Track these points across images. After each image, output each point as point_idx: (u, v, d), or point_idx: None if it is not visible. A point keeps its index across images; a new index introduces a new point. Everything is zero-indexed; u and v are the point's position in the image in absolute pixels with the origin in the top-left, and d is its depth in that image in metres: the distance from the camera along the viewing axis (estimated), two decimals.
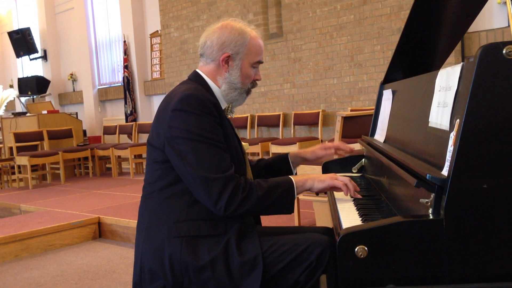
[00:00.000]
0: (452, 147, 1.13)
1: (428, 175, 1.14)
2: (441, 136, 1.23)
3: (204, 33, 1.75)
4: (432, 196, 1.14)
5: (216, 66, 1.71)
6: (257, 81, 1.78)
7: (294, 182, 1.63)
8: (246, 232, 1.60)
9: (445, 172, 1.14)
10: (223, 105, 1.73)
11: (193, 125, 1.54)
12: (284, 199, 1.60)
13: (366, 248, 1.15)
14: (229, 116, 1.75)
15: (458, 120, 1.12)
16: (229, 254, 1.53)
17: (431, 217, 1.14)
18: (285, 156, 1.96)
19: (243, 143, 1.88)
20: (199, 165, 1.53)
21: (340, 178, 1.69)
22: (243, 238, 1.58)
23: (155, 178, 1.64)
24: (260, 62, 1.75)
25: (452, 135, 1.14)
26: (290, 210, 1.62)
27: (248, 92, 1.77)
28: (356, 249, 1.15)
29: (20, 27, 10.81)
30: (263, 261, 1.51)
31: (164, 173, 1.62)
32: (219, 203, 1.51)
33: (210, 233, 1.56)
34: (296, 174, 1.93)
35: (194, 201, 1.58)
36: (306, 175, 1.70)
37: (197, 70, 1.76)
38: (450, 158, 1.13)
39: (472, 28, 4.74)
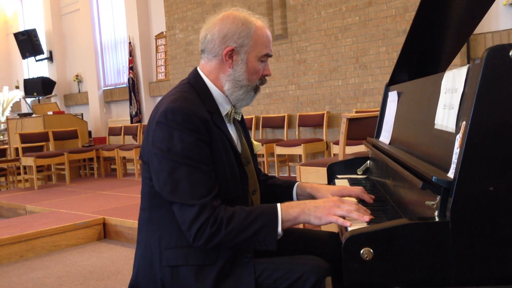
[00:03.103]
0: (458, 149, 1.12)
1: (434, 177, 1.13)
2: (447, 138, 1.23)
3: (204, 26, 1.56)
4: (438, 198, 1.13)
5: (219, 62, 1.54)
6: (266, 77, 1.60)
7: (279, 215, 1.41)
8: (239, 263, 1.47)
9: (451, 174, 1.13)
10: (224, 111, 1.58)
11: (175, 143, 1.40)
12: (262, 235, 1.39)
13: (371, 250, 1.15)
14: (228, 121, 1.60)
15: (464, 122, 1.12)
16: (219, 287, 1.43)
17: (437, 219, 1.13)
18: (291, 185, 1.75)
19: (255, 143, 1.76)
20: (175, 188, 1.39)
21: (340, 211, 1.39)
22: (236, 269, 1.46)
23: (146, 195, 1.54)
24: (268, 55, 1.57)
25: (458, 137, 1.14)
26: (272, 246, 1.40)
27: (256, 89, 1.59)
28: (361, 251, 1.15)
29: (26, 28, 10.86)
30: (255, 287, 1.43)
31: (153, 192, 1.50)
32: (189, 232, 1.39)
33: (199, 263, 1.45)
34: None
35: None
36: (302, 204, 1.46)
37: (198, 68, 1.60)
38: (456, 160, 1.12)
39: (478, 29, 4.72)
